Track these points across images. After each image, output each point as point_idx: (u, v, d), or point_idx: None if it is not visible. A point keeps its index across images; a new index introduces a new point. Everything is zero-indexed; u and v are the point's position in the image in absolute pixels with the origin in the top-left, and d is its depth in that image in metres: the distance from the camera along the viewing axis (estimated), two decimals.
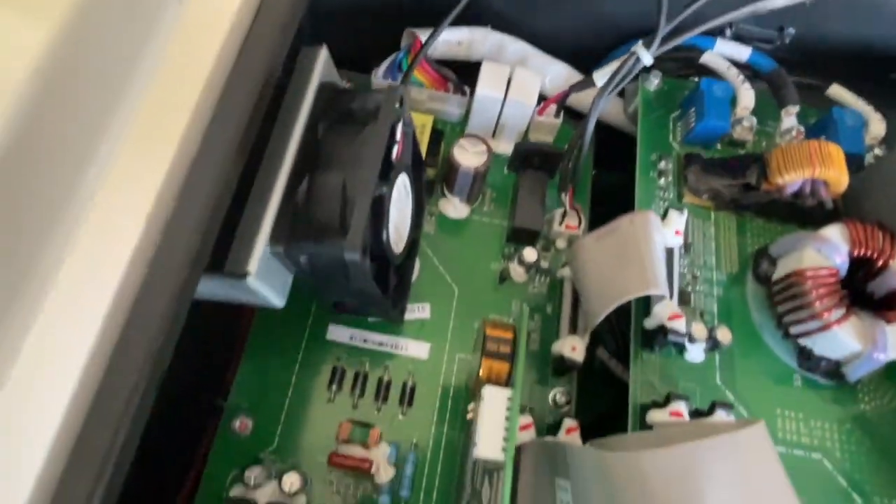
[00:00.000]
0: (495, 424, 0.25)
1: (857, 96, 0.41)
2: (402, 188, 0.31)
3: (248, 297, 0.26)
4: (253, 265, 0.24)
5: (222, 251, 0.25)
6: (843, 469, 0.32)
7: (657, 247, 0.31)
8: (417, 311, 0.38)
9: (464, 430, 0.34)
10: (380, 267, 0.31)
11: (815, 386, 0.34)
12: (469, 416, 0.28)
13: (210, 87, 0.22)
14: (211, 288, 0.26)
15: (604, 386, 0.37)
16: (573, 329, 0.37)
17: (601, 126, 0.46)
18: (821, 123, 0.40)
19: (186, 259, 0.19)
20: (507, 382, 0.27)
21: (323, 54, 0.30)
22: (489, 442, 0.24)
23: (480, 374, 0.26)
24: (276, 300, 0.27)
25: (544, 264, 0.40)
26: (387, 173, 0.28)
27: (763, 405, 0.33)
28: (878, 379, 0.35)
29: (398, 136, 0.30)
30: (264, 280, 0.25)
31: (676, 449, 0.22)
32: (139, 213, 0.19)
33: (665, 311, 0.31)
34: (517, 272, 0.39)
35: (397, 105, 0.29)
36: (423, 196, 0.37)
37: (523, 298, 0.40)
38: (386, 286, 0.31)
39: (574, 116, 0.45)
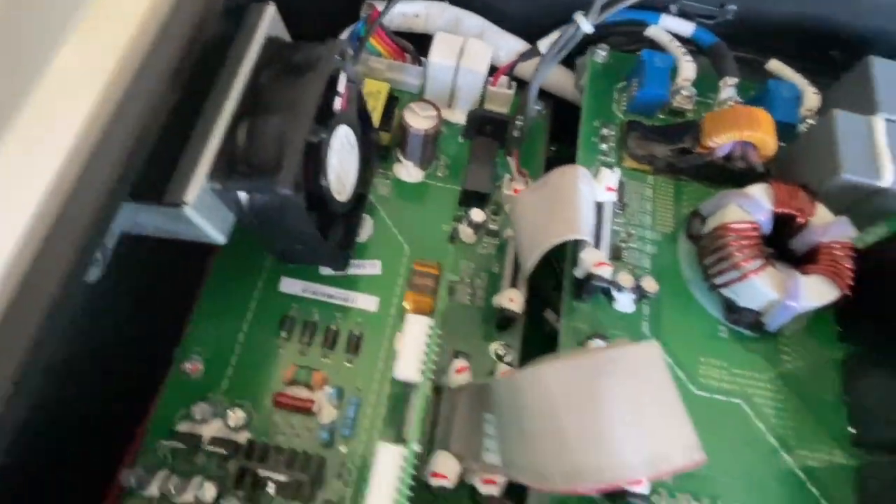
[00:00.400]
0: (415, 349, 0.26)
1: (796, 71, 0.43)
2: (344, 139, 0.32)
3: (189, 231, 0.28)
4: (190, 196, 0.26)
5: (163, 184, 0.27)
6: (762, 415, 0.34)
7: (584, 198, 0.33)
8: (369, 268, 0.40)
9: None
10: (322, 215, 0.33)
11: (741, 338, 0.36)
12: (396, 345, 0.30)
13: (144, 29, 0.23)
14: (155, 221, 0.28)
15: (552, 348, 0.39)
16: (514, 284, 0.38)
17: (559, 102, 0.48)
18: (758, 96, 0.42)
19: (107, 184, 0.21)
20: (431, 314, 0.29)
21: (270, 10, 0.31)
22: (408, 365, 0.26)
23: (405, 304, 0.28)
24: (217, 235, 0.29)
25: (493, 227, 0.42)
26: (326, 121, 0.30)
27: (687, 354, 0.35)
28: (802, 334, 0.36)
29: (341, 88, 0.32)
30: (202, 213, 0.27)
31: (574, 360, 0.24)
32: (65, 136, 0.20)
33: (591, 258, 0.33)
34: (466, 233, 0.41)
35: (338, 57, 0.31)
36: (372, 154, 0.39)
37: (472, 258, 0.41)
38: (327, 234, 0.33)
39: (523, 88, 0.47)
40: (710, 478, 0.32)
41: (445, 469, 0.31)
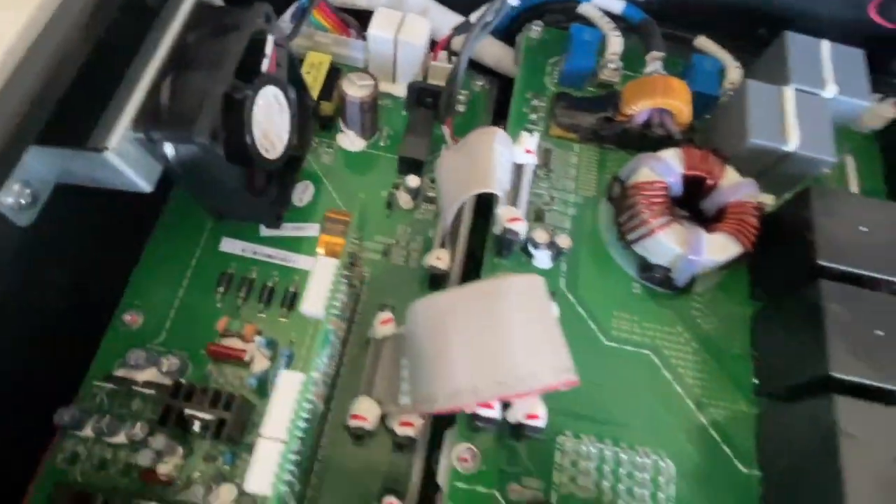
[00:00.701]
0: (321, 288, 0.28)
1: (721, 47, 0.45)
2: (272, 99, 0.34)
3: (115, 179, 0.30)
4: (112, 142, 0.28)
5: (88, 132, 0.28)
6: (670, 366, 0.36)
7: (500, 156, 0.35)
8: (308, 230, 0.42)
9: None
10: (251, 171, 0.34)
11: (654, 295, 0.38)
12: None
13: None
14: (83, 169, 0.29)
15: None
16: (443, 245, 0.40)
17: (503, 79, 0.50)
18: (683, 70, 0.44)
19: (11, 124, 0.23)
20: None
21: None
22: (314, 302, 0.28)
23: (318, 249, 0.30)
24: (142, 182, 0.30)
25: (431, 194, 0.44)
26: (250, 79, 0.32)
27: (601, 308, 0.37)
28: (714, 292, 0.38)
29: (268, 50, 0.33)
30: (125, 159, 0.29)
31: (462, 288, 0.26)
32: None
33: (505, 214, 0.34)
34: (404, 199, 0.43)
35: (265, 21, 0.33)
36: (308, 120, 0.40)
37: (409, 223, 0.43)
38: (259, 191, 0.35)
39: (470, 66, 0.49)
40: (615, 422, 0.34)
41: (365, 412, 0.33)
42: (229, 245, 0.41)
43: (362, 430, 0.33)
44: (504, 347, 0.25)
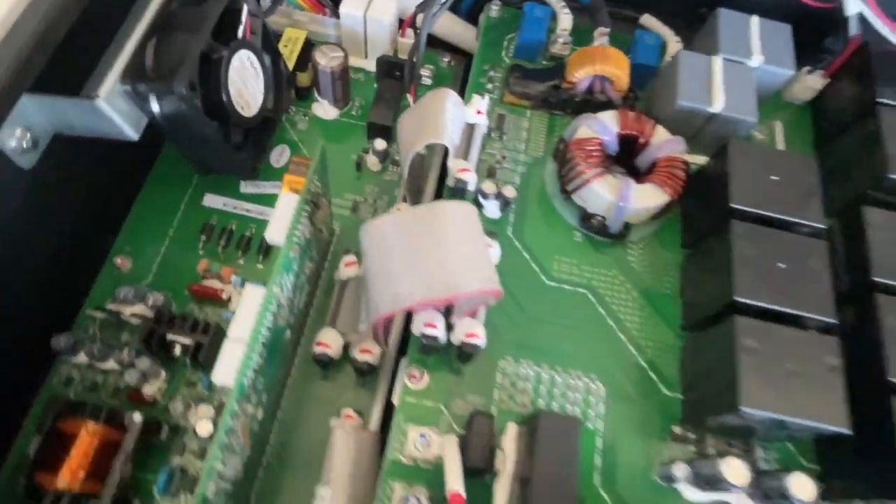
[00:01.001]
0: (284, 219, 0.32)
1: (664, 24, 0.49)
2: (247, 62, 0.38)
3: (105, 126, 0.34)
4: (102, 91, 0.32)
5: (82, 83, 0.33)
6: (604, 303, 0.40)
7: (451, 114, 0.39)
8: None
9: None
10: (227, 127, 0.39)
11: (593, 242, 0.42)
12: None
13: None
14: (78, 117, 0.34)
15: None
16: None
17: (469, 57, 0.54)
18: (628, 46, 0.48)
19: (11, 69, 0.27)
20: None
21: None
22: (276, 230, 0.32)
23: (282, 188, 0.34)
24: (129, 130, 0.34)
25: (397, 157, 0.48)
26: (227, 43, 0.36)
27: (544, 253, 0.41)
28: (647, 239, 0.42)
29: (243, 17, 0.38)
30: (114, 108, 0.33)
31: (405, 211, 0.30)
32: None
33: (455, 165, 0.38)
34: (372, 161, 0.47)
35: None
36: (282, 86, 0.44)
37: (377, 183, 0.47)
38: (236, 145, 0.39)
39: (437, 44, 0.53)
40: (552, 351, 0.37)
41: (329, 341, 0.37)
42: (211, 200, 0.45)
43: (326, 356, 0.37)
44: (439, 259, 0.29)
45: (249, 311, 0.29)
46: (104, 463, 0.33)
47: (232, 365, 0.28)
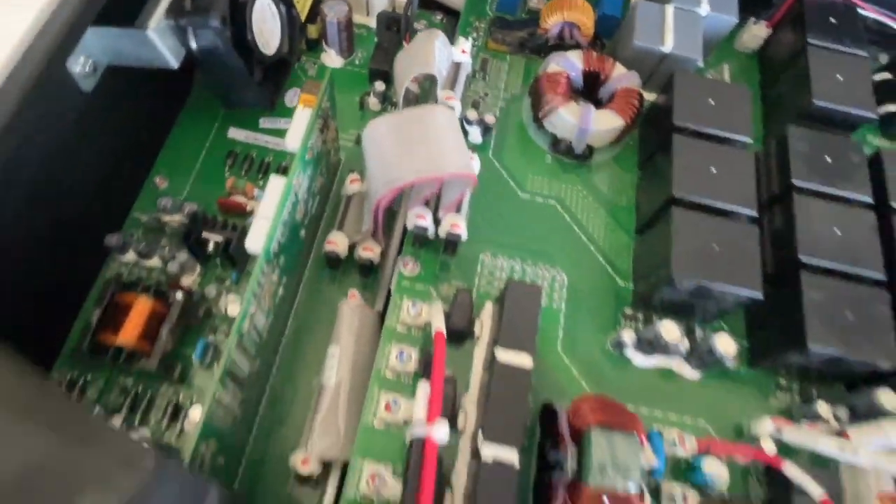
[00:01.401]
0: (300, 128, 0.39)
1: None
2: (266, 7, 0.46)
3: (151, 55, 0.41)
4: (152, 24, 0.39)
5: (133, 17, 0.40)
6: (570, 211, 0.47)
7: (440, 52, 0.46)
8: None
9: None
10: (250, 62, 0.46)
11: (562, 164, 0.49)
12: None
13: None
14: (128, 47, 0.41)
15: None
16: None
17: (458, 15, 0.61)
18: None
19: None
20: None
21: None
22: (293, 137, 0.39)
23: (298, 104, 0.41)
24: (171, 59, 0.42)
25: (395, 100, 0.55)
26: None
27: (520, 172, 0.48)
28: (608, 162, 0.49)
29: None
30: (160, 39, 0.40)
31: (398, 112, 0.37)
32: None
33: (442, 94, 0.45)
34: (373, 101, 0.54)
35: None
36: (295, 33, 0.52)
37: None
38: (257, 79, 0.46)
39: (432, 5, 0.60)
40: (525, 248, 0.45)
41: (337, 241, 0.44)
42: (235, 133, 0.52)
43: (335, 253, 0.44)
44: (426, 148, 0.36)
45: (273, 195, 0.36)
46: (154, 329, 0.40)
47: (261, 235, 0.35)
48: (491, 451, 0.32)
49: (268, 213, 0.36)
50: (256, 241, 0.35)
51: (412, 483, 0.30)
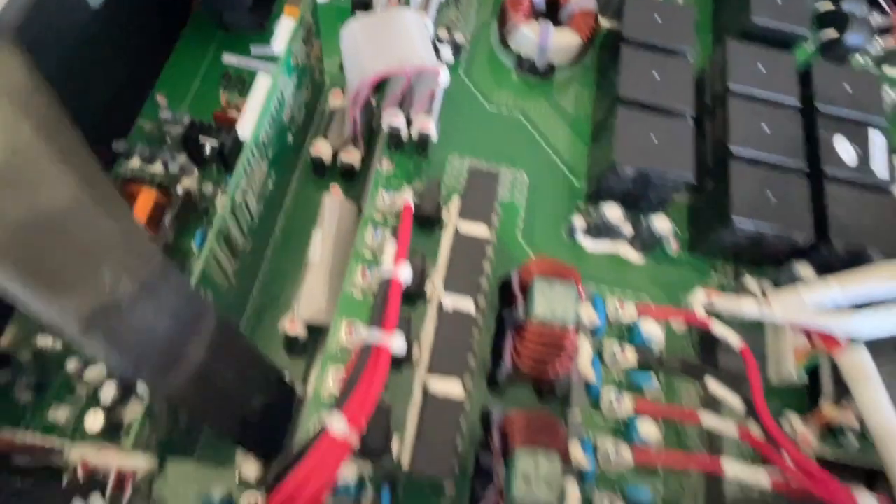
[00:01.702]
0: (284, 35, 0.44)
1: None
2: None
3: None
4: None
5: None
6: (533, 123, 0.52)
7: None
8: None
9: None
10: None
11: (527, 82, 0.54)
12: None
13: None
14: None
15: None
16: None
17: None
18: None
19: None
20: None
21: None
22: (279, 43, 0.44)
23: (284, 16, 0.46)
24: None
25: None
26: None
27: (487, 88, 0.53)
28: (569, 79, 0.54)
29: None
30: None
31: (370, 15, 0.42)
32: None
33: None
34: None
35: None
36: None
37: None
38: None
39: None
40: (490, 152, 0.50)
41: (322, 146, 0.49)
42: (229, 58, 0.56)
43: (319, 158, 0.49)
44: (394, 44, 0.41)
45: (261, 90, 0.41)
46: (158, 216, 0.45)
47: (251, 120, 0.40)
48: (451, 301, 0.37)
49: (256, 105, 0.41)
50: (247, 125, 0.40)
51: (378, 313, 0.35)
